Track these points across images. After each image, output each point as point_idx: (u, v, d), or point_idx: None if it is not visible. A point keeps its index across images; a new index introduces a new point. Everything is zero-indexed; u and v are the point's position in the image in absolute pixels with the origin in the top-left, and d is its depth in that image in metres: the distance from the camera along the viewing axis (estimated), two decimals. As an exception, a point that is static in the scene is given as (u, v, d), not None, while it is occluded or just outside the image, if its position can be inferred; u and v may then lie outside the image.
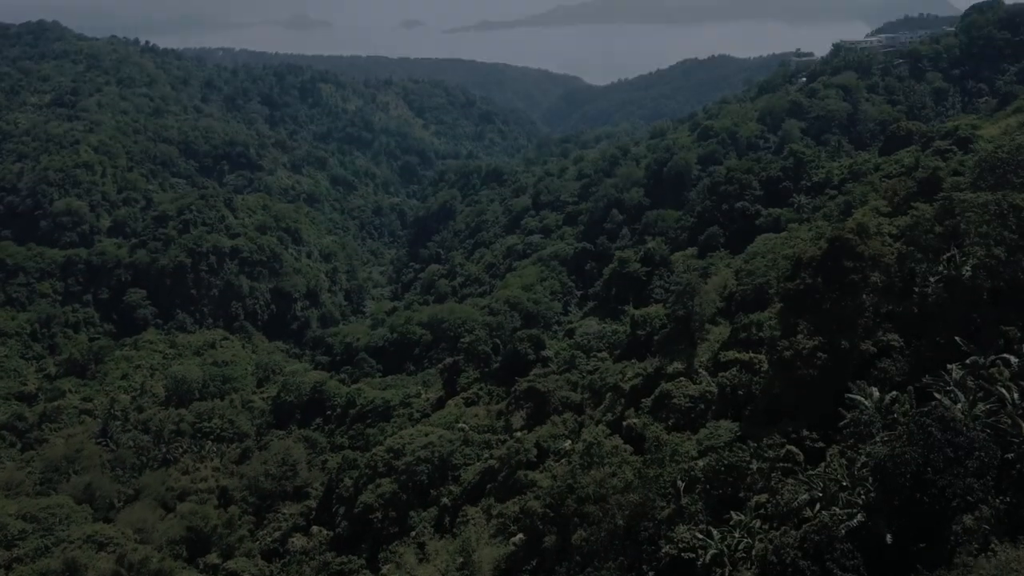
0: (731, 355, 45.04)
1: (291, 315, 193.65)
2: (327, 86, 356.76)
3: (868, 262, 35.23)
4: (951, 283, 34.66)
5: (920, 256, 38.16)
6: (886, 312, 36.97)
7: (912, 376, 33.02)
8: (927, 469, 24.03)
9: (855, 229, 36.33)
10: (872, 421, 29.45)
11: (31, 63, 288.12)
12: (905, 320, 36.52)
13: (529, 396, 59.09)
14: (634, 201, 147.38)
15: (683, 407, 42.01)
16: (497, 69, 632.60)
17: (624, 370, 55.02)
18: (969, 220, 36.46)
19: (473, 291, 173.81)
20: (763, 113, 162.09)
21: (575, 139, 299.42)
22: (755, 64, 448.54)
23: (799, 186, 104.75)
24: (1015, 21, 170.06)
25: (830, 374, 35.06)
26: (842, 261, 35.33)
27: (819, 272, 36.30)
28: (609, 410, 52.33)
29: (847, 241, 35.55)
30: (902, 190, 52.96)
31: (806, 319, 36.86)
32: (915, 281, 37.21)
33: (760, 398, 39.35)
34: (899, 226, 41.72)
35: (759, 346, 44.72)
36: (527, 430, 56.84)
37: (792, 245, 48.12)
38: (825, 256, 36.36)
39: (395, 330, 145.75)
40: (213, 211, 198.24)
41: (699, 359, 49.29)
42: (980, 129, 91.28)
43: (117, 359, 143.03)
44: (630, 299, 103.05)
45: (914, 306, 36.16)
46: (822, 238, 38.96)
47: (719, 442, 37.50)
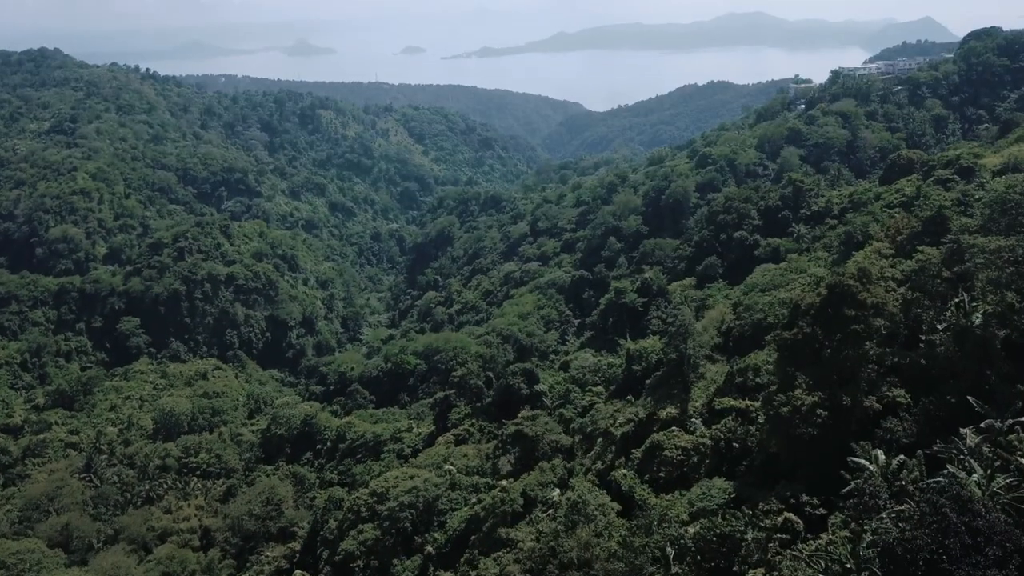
0: (726, 402, 42.68)
1: (286, 343, 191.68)
2: (327, 112, 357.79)
3: (871, 310, 32.88)
4: (961, 333, 32.31)
5: (927, 303, 35.82)
6: (891, 365, 34.50)
7: (921, 438, 30.52)
8: (942, 557, 21.43)
9: (856, 274, 34.02)
10: (878, 492, 26.93)
11: (31, 90, 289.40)
12: (912, 373, 33.99)
13: (517, 440, 56.61)
14: (632, 229, 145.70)
15: (675, 460, 39.54)
16: (497, 95, 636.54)
17: (615, 414, 52.62)
18: (980, 266, 34.22)
19: (470, 319, 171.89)
20: (761, 140, 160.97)
21: (574, 165, 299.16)
22: (754, 90, 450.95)
23: (798, 215, 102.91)
24: (1013, 48, 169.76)
25: (831, 432, 32.54)
26: (842, 309, 33.03)
27: (818, 320, 34.01)
28: (600, 457, 49.86)
29: (848, 288, 33.24)
30: (905, 228, 50.69)
31: (805, 371, 34.43)
32: (921, 329, 34.91)
33: (757, 453, 36.86)
34: (904, 271, 39.36)
35: (756, 392, 42.40)
36: (513, 478, 54.25)
37: (789, 287, 45.75)
38: (824, 303, 34.03)
39: (389, 360, 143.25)
40: (209, 238, 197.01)
41: (693, 403, 46.92)
42: (982, 158, 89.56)
43: (106, 390, 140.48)
44: (627, 330, 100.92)
45: (921, 358, 33.74)
46: (821, 283, 36.55)
47: (712, 504, 34.94)
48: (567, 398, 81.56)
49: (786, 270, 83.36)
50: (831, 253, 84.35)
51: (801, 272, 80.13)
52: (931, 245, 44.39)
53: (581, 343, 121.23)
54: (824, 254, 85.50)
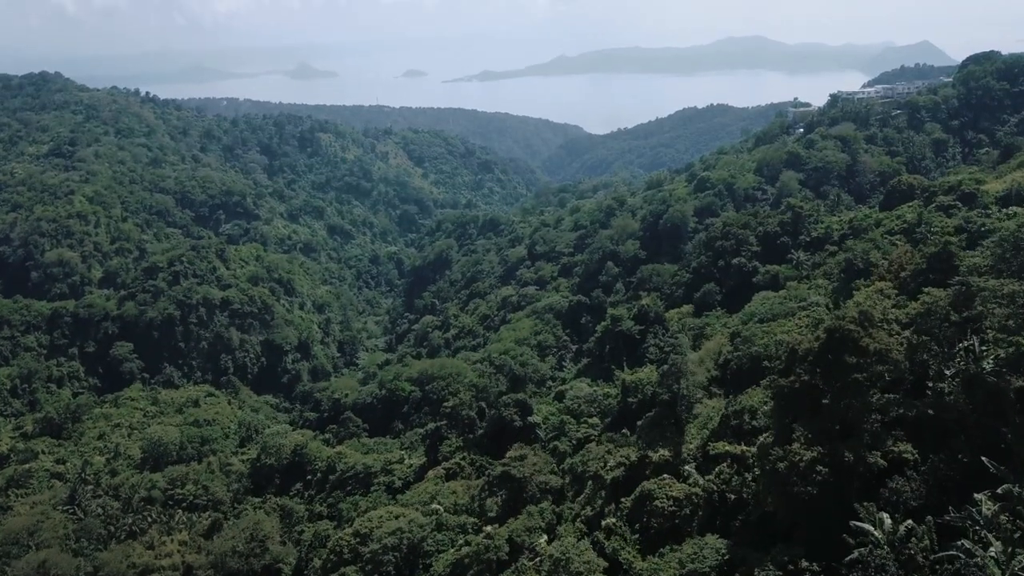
0: (721, 447, 40.51)
1: (282, 368, 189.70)
2: (326, 135, 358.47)
3: (873, 357, 30.81)
4: (971, 382, 30.20)
5: (934, 347, 33.70)
6: (896, 416, 32.27)
7: (930, 499, 28.25)
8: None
9: (857, 318, 31.99)
10: (885, 565, 24.67)
11: (32, 113, 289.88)
12: (919, 425, 31.71)
13: (504, 481, 54.36)
14: (630, 254, 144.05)
15: (666, 511, 37.36)
16: (498, 118, 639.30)
17: (607, 456, 50.47)
18: (991, 311, 32.19)
19: (467, 343, 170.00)
20: (760, 164, 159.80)
21: (572, 188, 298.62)
22: (753, 113, 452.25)
23: (797, 241, 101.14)
24: (1013, 72, 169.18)
25: (832, 491, 30.25)
26: (843, 355, 30.94)
27: (817, 367, 31.93)
28: (589, 503, 47.62)
29: (848, 333, 31.18)
30: (909, 264, 48.67)
31: (803, 422, 32.23)
32: (928, 375, 32.78)
33: (753, 507, 34.61)
34: (909, 313, 37.23)
35: (752, 436, 40.25)
36: (499, 523, 51.92)
37: (786, 328, 43.65)
38: (823, 348, 31.93)
39: (384, 386, 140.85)
40: (204, 262, 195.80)
41: (687, 446, 44.76)
42: (984, 184, 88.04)
43: (95, 417, 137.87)
44: (624, 358, 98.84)
45: (929, 408, 31.54)
46: (819, 325, 34.48)
47: (703, 566, 32.63)
48: (562, 430, 79.32)
49: (785, 298, 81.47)
50: (831, 281, 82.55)
51: (801, 300, 78.31)
52: (936, 283, 42.43)
53: (578, 370, 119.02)
54: (824, 282, 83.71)
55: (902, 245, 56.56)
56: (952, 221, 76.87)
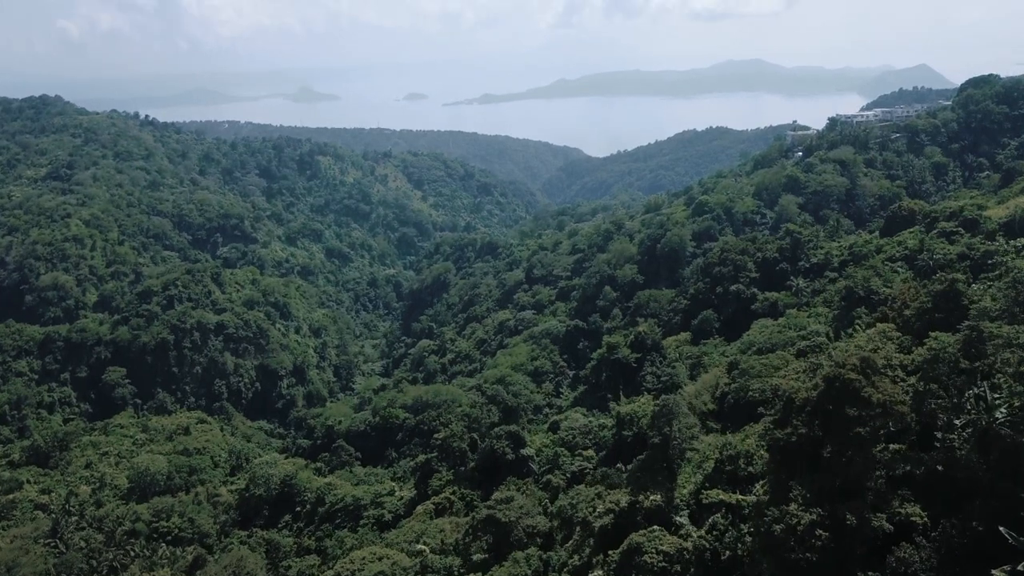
0: (715, 495, 38.32)
1: (276, 393, 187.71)
2: (325, 158, 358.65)
3: (877, 409, 28.61)
4: (984, 437, 28.02)
5: (942, 395, 31.54)
6: (903, 474, 29.93)
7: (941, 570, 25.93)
8: None
9: (859, 366, 29.83)
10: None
11: (31, 137, 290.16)
12: (928, 483, 29.32)
13: (489, 525, 52.07)
14: (627, 278, 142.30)
15: (655, 567, 35.10)
16: (498, 141, 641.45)
17: (596, 500, 48.28)
18: (1006, 361, 30.10)
19: (463, 368, 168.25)
20: (759, 188, 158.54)
21: (571, 211, 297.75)
22: (753, 136, 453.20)
23: (797, 267, 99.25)
24: (1012, 95, 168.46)
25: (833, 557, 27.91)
26: (843, 407, 28.76)
27: (815, 419, 29.74)
28: (577, 551, 45.35)
29: (849, 382, 29.04)
30: (913, 301, 46.55)
31: (801, 479, 29.95)
32: (936, 424, 30.60)
33: (749, 567, 32.29)
34: (915, 360, 35.05)
35: (749, 483, 38.08)
36: (483, 571, 49.56)
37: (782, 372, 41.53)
38: (822, 399, 29.74)
39: (377, 413, 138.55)
40: (199, 286, 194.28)
41: (680, 491, 42.57)
42: (986, 209, 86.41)
43: (84, 445, 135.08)
44: (620, 387, 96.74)
45: (938, 464, 29.25)
46: (817, 371, 32.32)
47: (694, 635, 30.52)
48: (556, 463, 76.97)
49: (784, 327, 79.54)
50: (831, 309, 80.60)
51: (800, 329, 76.36)
52: (943, 323, 40.45)
53: (575, 398, 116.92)
54: (824, 310, 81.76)
55: (905, 280, 53.96)
56: (955, 248, 75.06)
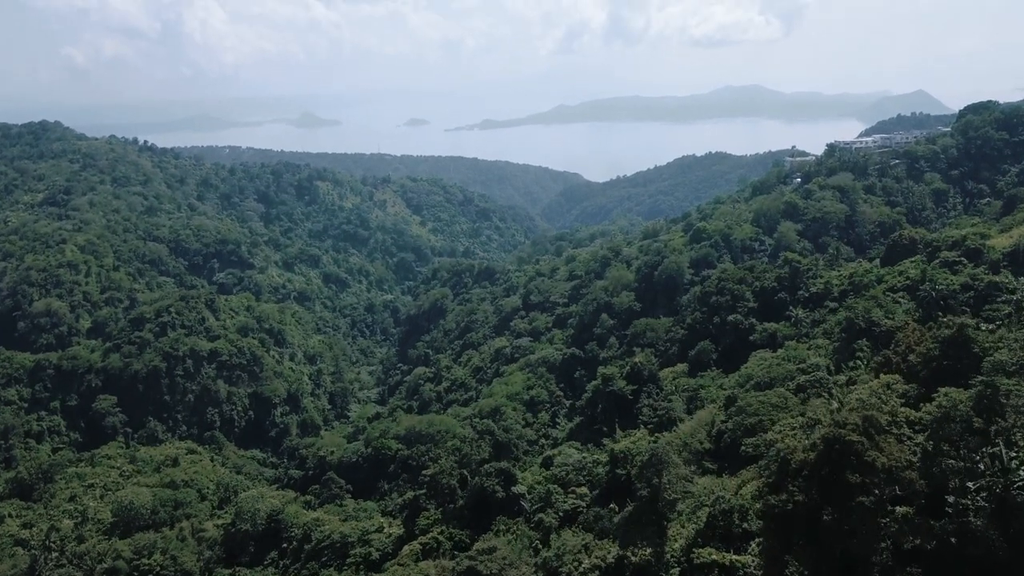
0: (707, 555, 35.83)
1: (270, 421, 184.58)
2: (324, 184, 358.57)
3: (882, 475, 26.13)
4: (1001, 504, 25.58)
5: (954, 455, 29.01)
6: (911, 548, 27.25)
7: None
8: None
9: (861, 426, 27.34)
10: None
11: (29, 162, 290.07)
12: (940, 557, 26.67)
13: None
14: (624, 306, 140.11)
15: (643, 634, 32.72)
16: (498, 166, 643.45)
17: (582, 553, 45.73)
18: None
19: (458, 397, 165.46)
20: (757, 215, 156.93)
21: (569, 237, 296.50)
22: (751, 161, 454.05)
23: (796, 297, 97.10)
24: (1012, 122, 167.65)
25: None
26: (844, 472, 26.26)
27: (813, 483, 27.25)
28: (562, 607, 42.98)
29: (851, 445, 26.52)
30: (917, 344, 44.08)
31: (798, 551, 27.32)
32: (947, 487, 28.08)
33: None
34: (923, 418, 32.55)
35: (744, 540, 35.62)
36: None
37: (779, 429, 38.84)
38: (821, 461, 27.22)
39: (369, 444, 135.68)
40: (193, 312, 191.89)
41: (671, 544, 40.10)
42: (990, 239, 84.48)
43: (69, 477, 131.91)
44: (616, 419, 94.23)
45: (951, 535, 26.68)
46: (816, 428, 29.89)
47: None
48: (548, 501, 74.11)
49: (784, 359, 77.26)
50: (831, 341, 78.36)
51: (800, 362, 74.08)
52: (952, 372, 38.15)
53: (570, 429, 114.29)
54: (824, 342, 79.52)
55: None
56: (958, 279, 73.07)
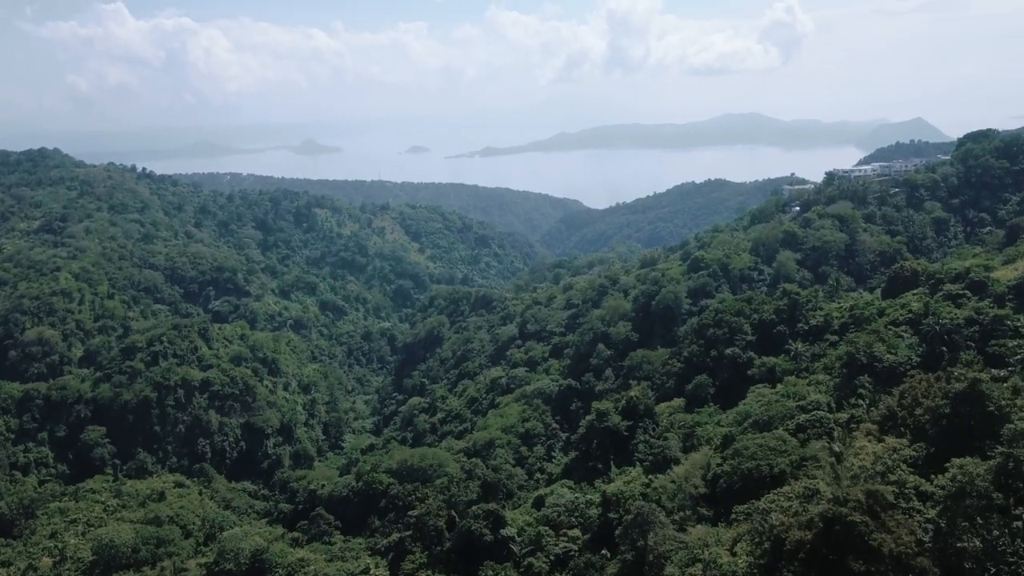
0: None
1: (262, 452, 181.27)
2: (323, 211, 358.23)
3: (888, 562, 23.33)
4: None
5: (969, 536, 26.30)
6: None
7: None
8: None
9: (864, 503, 24.54)
10: None
11: (26, 189, 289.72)
12: None
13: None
14: (621, 336, 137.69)
15: None
16: (499, 193, 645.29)
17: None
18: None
19: (453, 428, 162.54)
20: (756, 244, 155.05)
21: (568, 264, 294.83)
22: (751, 188, 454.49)
23: (795, 330, 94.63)
24: (1012, 150, 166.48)
25: None
26: (846, 556, 23.52)
27: (811, 569, 24.54)
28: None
29: (853, 527, 23.71)
30: (925, 396, 41.26)
31: None
32: (963, 567, 25.50)
33: None
34: (937, 490, 29.81)
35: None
36: None
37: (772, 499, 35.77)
38: (819, 543, 24.46)
39: (361, 478, 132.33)
40: (186, 341, 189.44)
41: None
42: (994, 271, 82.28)
43: (51, 512, 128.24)
44: (611, 456, 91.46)
45: None
46: (815, 500, 27.21)
47: None
48: (538, 543, 71.18)
49: (783, 395, 74.64)
50: (832, 376, 75.82)
51: (800, 399, 71.44)
52: (963, 431, 35.65)
53: (565, 464, 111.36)
54: (824, 377, 76.94)
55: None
56: (962, 312, 70.75)
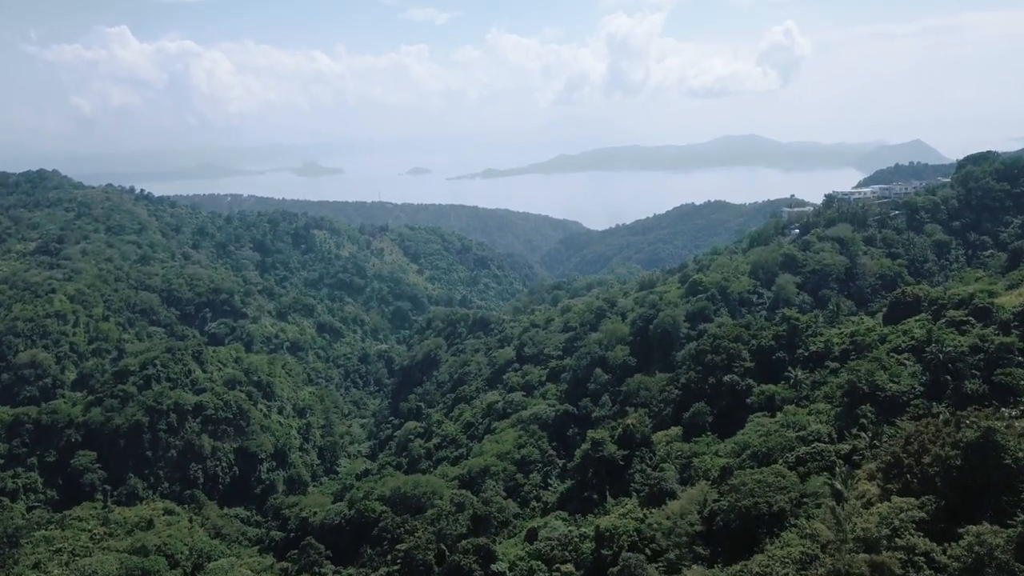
0: None
1: (255, 478, 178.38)
2: (321, 232, 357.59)
3: None
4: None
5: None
6: None
7: None
8: None
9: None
10: None
11: (24, 211, 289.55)
12: None
13: None
14: (618, 360, 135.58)
15: None
16: (499, 214, 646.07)
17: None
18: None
19: (448, 454, 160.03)
20: (755, 267, 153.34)
21: (566, 286, 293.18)
22: (750, 210, 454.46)
23: (795, 356, 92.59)
24: (1012, 172, 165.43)
25: None
26: None
27: None
28: None
29: None
30: (933, 444, 38.47)
31: None
32: None
33: None
34: (950, 560, 27.77)
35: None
36: None
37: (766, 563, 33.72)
38: None
39: (353, 506, 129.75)
40: (179, 365, 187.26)
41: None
42: (998, 296, 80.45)
43: (36, 541, 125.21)
44: (607, 486, 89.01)
45: None
46: (814, 567, 25.21)
47: None
48: (531, 579, 68.69)
49: (783, 425, 72.54)
50: (833, 405, 73.71)
51: (800, 428, 69.36)
52: (978, 488, 33.47)
53: (561, 492, 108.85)
54: (825, 406, 74.83)
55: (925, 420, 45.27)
56: (966, 340, 68.88)
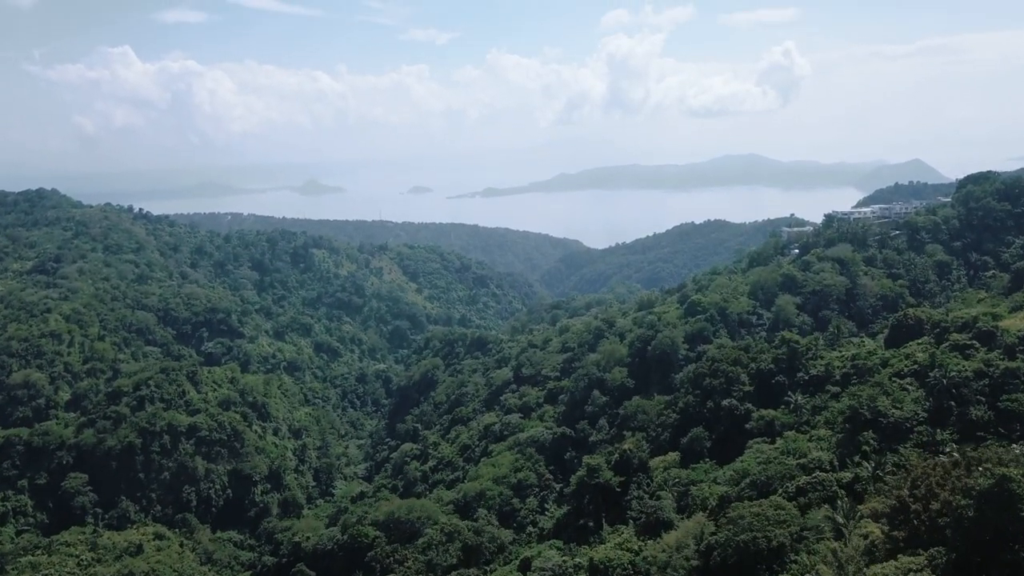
0: None
1: (249, 500, 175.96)
2: (320, 251, 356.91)
3: None
4: None
5: None
6: None
7: None
8: None
9: None
10: None
11: (22, 230, 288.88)
12: None
13: None
14: (617, 382, 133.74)
15: None
16: (499, 233, 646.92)
17: None
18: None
19: (444, 477, 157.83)
20: (754, 287, 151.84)
21: (565, 305, 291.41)
22: (750, 229, 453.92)
23: (795, 380, 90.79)
24: (1013, 192, 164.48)
25: None
26: None
27: None
28: None
29: None
30: (941, 488, 35.90)
31: None
32: None
33: None
34: None
35: None
36: None
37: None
38: None
39: (346, 530, 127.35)
40: (173, 385, 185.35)
41: None
42: (1002, 319, 78.87)
43: (22, 567, 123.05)
44: (603, 513, 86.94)
45: None
46: None
47: None
48: (524, 612, 66.70)
49: (783, 452, 70.67)
50: (834, 431, 71.86)
51: (800, 456, 67.47)
52: (990, 527, 31.71)
53: (557, 519, 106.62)
54: (826, 432, 72.97)
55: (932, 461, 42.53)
56: (970, 364, 67.22)
